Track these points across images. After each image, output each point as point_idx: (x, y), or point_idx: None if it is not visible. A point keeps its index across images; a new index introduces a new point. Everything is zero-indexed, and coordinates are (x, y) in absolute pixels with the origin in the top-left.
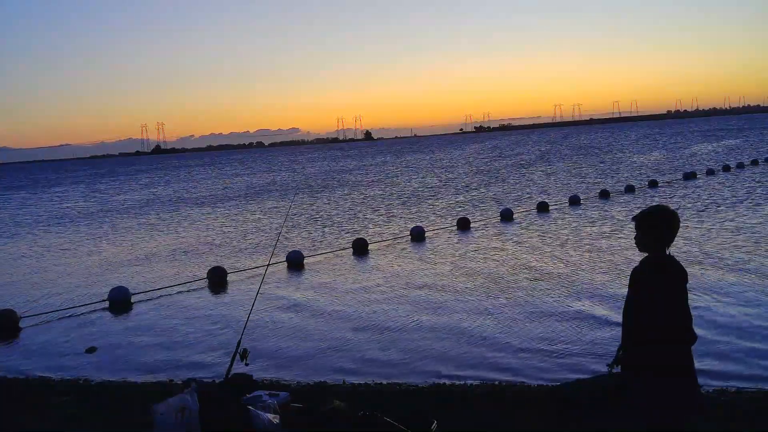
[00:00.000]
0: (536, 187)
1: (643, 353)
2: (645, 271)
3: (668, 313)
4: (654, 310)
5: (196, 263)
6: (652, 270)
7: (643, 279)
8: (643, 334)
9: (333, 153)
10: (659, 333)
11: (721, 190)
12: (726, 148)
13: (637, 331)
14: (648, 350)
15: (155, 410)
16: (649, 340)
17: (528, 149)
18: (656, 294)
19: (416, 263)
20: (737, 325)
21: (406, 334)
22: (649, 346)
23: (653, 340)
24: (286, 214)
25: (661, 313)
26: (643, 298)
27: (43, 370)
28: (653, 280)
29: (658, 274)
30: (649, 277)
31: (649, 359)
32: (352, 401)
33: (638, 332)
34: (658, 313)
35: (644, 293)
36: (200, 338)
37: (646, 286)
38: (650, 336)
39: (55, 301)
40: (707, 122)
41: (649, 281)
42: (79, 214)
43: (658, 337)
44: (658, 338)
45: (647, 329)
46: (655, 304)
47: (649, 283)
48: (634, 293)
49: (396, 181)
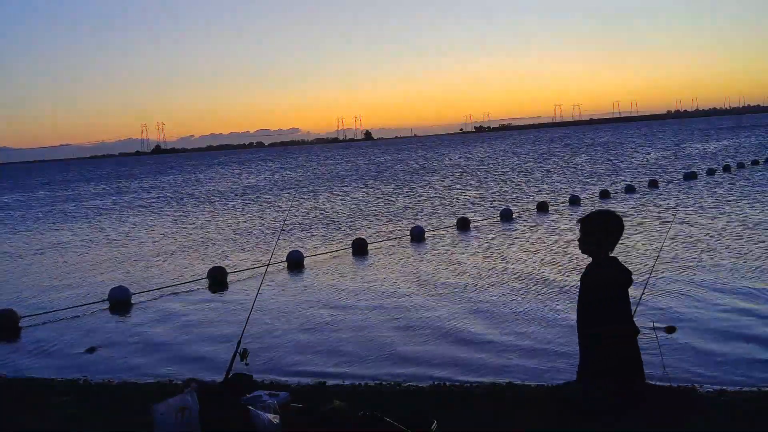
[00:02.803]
0: (536, 187)
1: (593, 357)
2: (588, 275)
3: (611, 314)
4: (597, 312)
5: (196, 263)
6: (595, 273)
7: (587, 282)
8: (590, 337)
9: (336, 152)
10: (602, 335)
11: (722, 190)
12: (726, 148)
13: (584, 335)
14: (597, 353)
15: (155, 410)
16: (596, 342)
17: (528, 149)
18: (597, 296)
19: (416, 263)
20: (737, 325)
21: (406, 334)
22: (598, 349)
23: (598, 342)
24: (286, 213)
25: (606, 315)
26: (587, 302)
27: (43, 370)
28: (595, 283)
29: (600, 276)
30: (592, 280)
31: (599, 362)
32: (352, 401)
33: (585, 336)
34: (602, 315)
35: (588, 296)
36: (200, 338)
37: (590, 290)
38: (596, 338)
39: (55, 301)
40: (707, 122)
41: (591, 284)
42: (78, 214)
43: (602, 339)
44: (603, 340)
45: (594, 332)
46: (598, 306)
47: (592, 286)
48: (580, 297)
49: (397, 181)
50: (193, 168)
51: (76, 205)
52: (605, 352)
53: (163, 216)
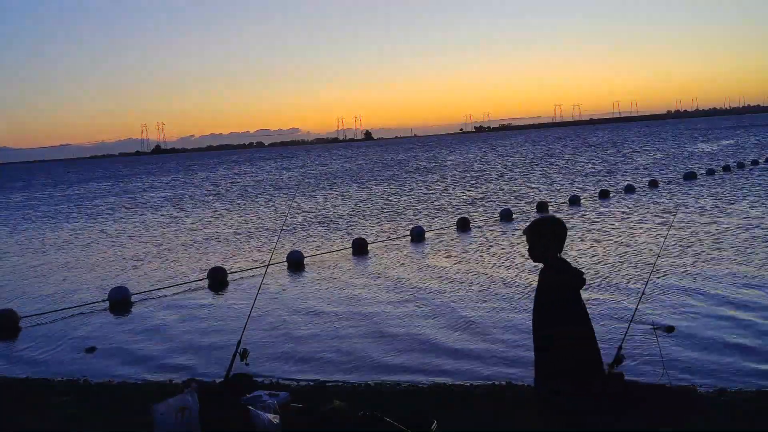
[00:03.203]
0: (536, 187)
1: (547, 359)
2: (542, 280)
3: (566, 316)
4: (552, 314)
5: (196, 263)
6: (548, 277)
7: (541, 285)
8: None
9: (336, 152)
10: (555, 338)
11: (722, 189)
12: (726, 148)
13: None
14: (552, 355)
15: (155, 410)
16: (549, 344)
17: (528, 149)
18: (551, 298)
19: (416, 263)
20: (737, 325)
21: (406, 334)
22: (552, 351)
23: (552, 344)
24: (286, 213)
25: (561, 317)
26: (541, 304)
27: (43, 370)
28: (549, 286)
29: (555, 279)
30: (546, 282)
31: (550, 365)
32: (352, 401)
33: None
34: (556, 318)
35: (543, 299)
36: (200, 338)
37: (544, 292)
38: (549, 340)
39: (55, 301)
40: (707, 122)
41: (545, 287)
42: (79, 214)
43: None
44: (557, 342)
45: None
46: (551, 308)
47: (545, 289)
48: (535, 300)
49: (397, 181)
50: (193, 168)
51: (77, 204)
52: (560, 354)
53: (164, 216)
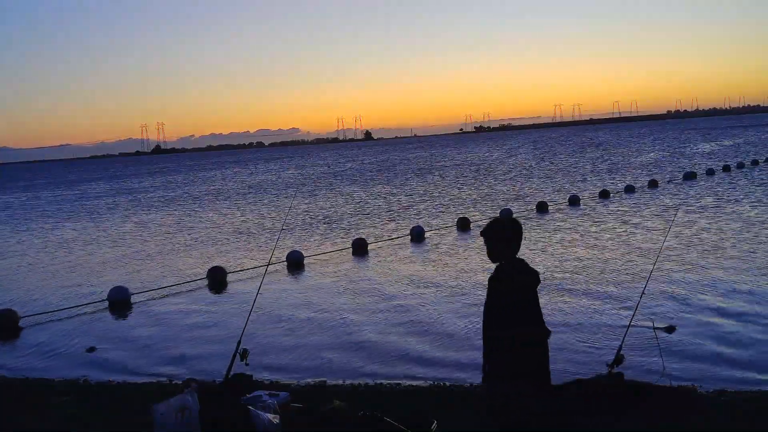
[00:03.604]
0: (536, 187)
1: (501, 360)
2: (498, 278)
3: (526, 318)
4: (507, 314)
5: (196, 263)
6: (509, 278)
7: (495, 286)
8: (498, 340)
9: (336, 152)
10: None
11: (722, 189)
12: (726, 148)
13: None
14: (505, 357)
15: (155, 410)
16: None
17: (528, 149)
18: (510, 299)
19: (416, 263)
20: (737, 325)
21: (406, 334)
22: (506, 353)
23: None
24: (286, 213)
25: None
26: (498, 305)
27: (43, 370)
28: (513, 288)
29: (513, 280)
30: (504, 283)
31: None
32: (352, 401)
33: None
34: (517, 319)
35: (501, 300)
36: (200, 338)
37: (502, 293)
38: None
39: (55, 301)
40: (707, 122)
41: (503, 288)
42: (79, 214)
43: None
44: (512, 343)
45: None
46: (508, 308)
47: (503, 290)
48: (488, 300)
49: (397, 181)
50: (193, 168)
51: (77, 204)
52: (520, 355)
53: (164, 216)
